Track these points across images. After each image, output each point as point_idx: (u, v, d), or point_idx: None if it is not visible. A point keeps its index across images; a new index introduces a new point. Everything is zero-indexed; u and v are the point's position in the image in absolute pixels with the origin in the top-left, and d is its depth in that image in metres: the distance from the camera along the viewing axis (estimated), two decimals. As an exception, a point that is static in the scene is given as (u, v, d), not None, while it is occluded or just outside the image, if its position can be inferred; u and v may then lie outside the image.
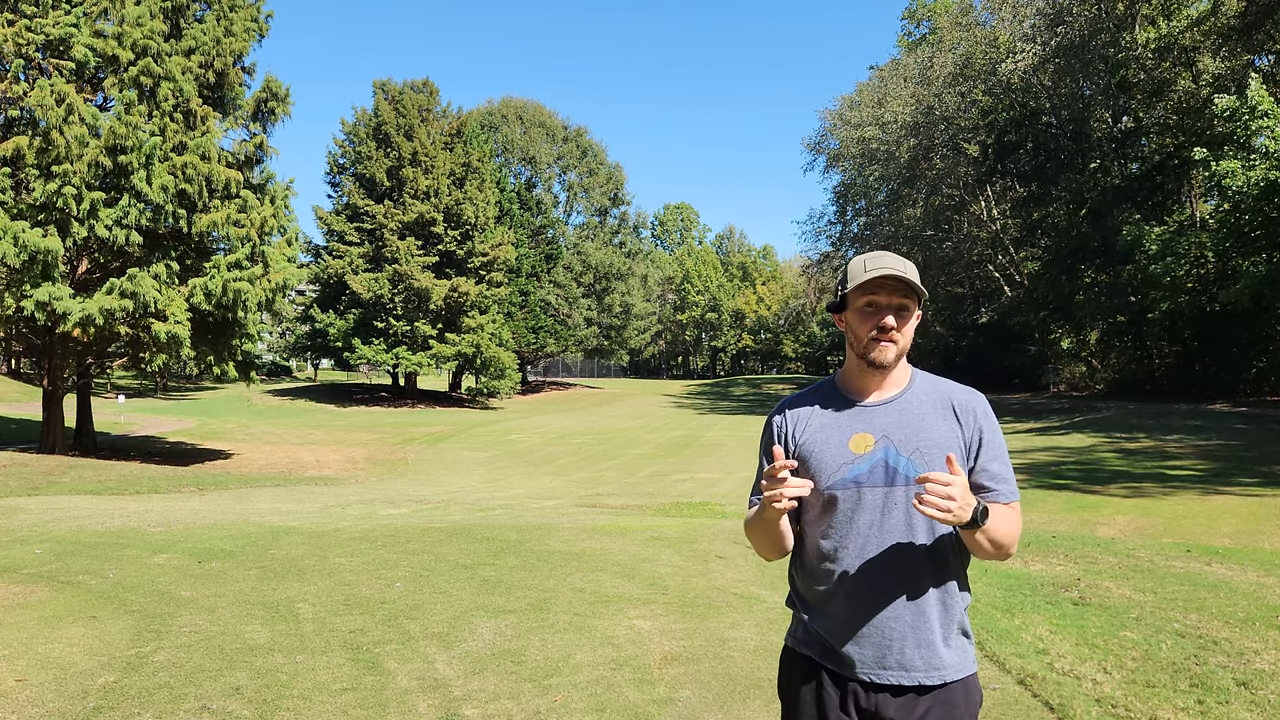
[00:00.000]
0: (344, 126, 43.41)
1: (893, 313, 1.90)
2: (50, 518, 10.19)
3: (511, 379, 44.80)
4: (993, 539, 1.83)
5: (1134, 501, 11.57)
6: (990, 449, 1.93)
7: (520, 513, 11.11)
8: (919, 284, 1.90)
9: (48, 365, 19.30)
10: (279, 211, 19.42)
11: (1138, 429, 21.00)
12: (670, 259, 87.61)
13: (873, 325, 1.90)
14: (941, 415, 1.93)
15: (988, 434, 1.93)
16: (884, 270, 1.88)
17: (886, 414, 1.93)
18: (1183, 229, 29.28)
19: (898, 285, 1.89)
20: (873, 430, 1.92)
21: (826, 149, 48.35)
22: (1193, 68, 31.62)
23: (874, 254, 1.96)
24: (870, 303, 1.91)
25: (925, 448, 1.88)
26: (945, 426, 1.91)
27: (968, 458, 1.91)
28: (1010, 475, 1.95)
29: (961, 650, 1.91)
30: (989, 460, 1.92)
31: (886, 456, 1.89)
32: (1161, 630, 5.13)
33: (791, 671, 2.02)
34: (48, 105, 16.31)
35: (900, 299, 1.91)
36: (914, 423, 1.92)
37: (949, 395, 1.97)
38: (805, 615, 1.99)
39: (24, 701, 4.06)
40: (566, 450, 23.36)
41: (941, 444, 1.88)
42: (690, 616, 5.53)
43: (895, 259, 1.93)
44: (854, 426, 1.94)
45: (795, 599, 2.05)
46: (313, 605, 5.79)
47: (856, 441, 1.92)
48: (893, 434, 1.91)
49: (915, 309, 1.94)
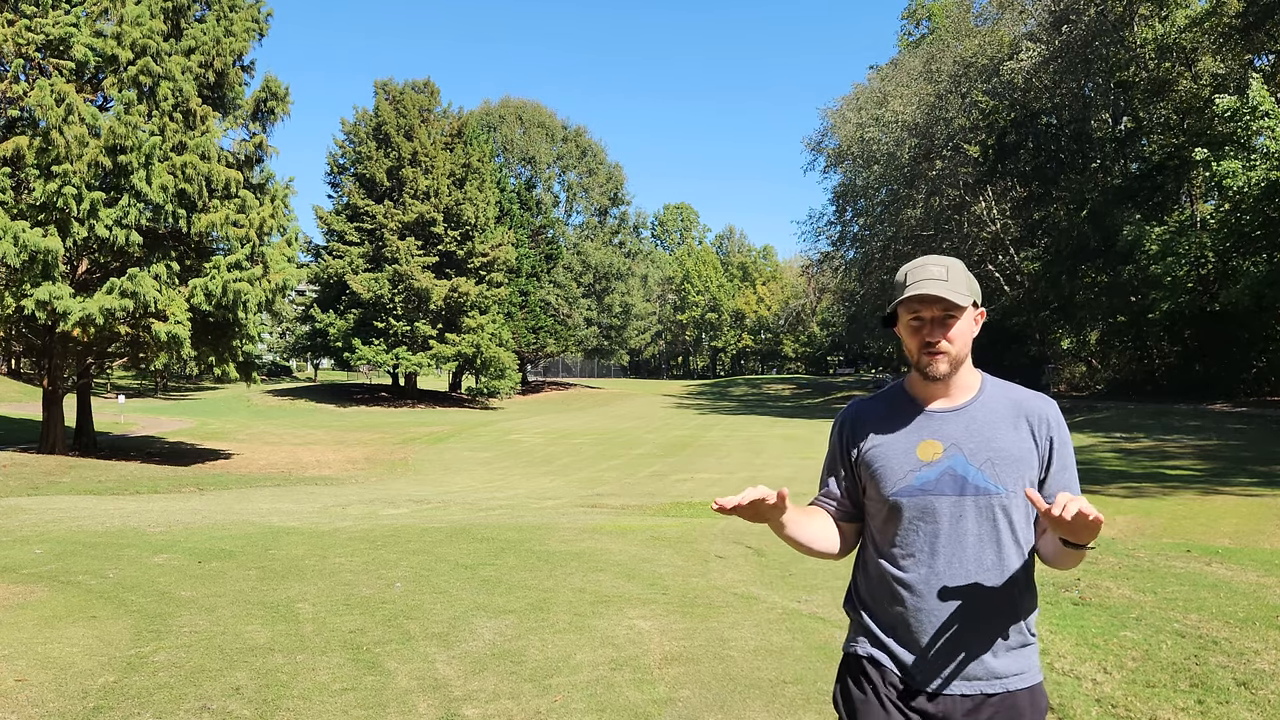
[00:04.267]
0: (344, 126, 43.44)
1: (937, 326, 1.85)
2: (50, 518, 10.19)
3: (511, 379, 44.81)
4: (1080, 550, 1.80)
5: (1134, 501, 11.57)
6: (1061, 460, 1.89)
7: (520, 513, 11.11)
8: (960, 294, 1.83)
9: (48, 365, 19.30)
10: (279, 211, 19.42)
11: (1138, 429, 21.00)
12: (670, 259, 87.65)
13: (920, 340, 1.87)
14: (1013, 424, 1.88)
15: (1059, 444, 1.89)
16: (920, 291, 1.83)
17: (956, 421, 1.89)
18: (1183, 229, 29.29)
19: (937, 299, 1.83)
20: (941, 438, 1.87)
21: (827, 148, 48.39)
22: (1193, 68, 31.63)
23: (918, 262, 1.90)
24: (916, 317, 1.87)
25: (996, 458, 1.84)
26: (1016, 436, 1.87)
27: (1040, 469, 1.87)
28: (1077, 485, 1.91)
29: (1028, 659, 1.88)
30: (1060, 470, 1.89)
31: (954, 465, 1.85)
32: (1161, 630, 5.13)
33: (856, 677, 1.94)
34: (47, 105, 16.31)
35: (943, 311, 1.85)
36: (984, 431, 1.87)
37: (1021, 404, 1.91)
38: (870, 621, 1.93)
39: (24, 701, 4.06)
40: (566, 450, 23.36)
41: (1013, 454, 1.85)
42: (690, 616, 5.53)
43: (937, 267, 1.87)
44: (922, 433, 1.89)
45: (857, 603, 1.99)
46: (313, 605, 5.79)
47: (924, 449, 1.87)
48: (962, 443, 1.86)
49: (966, 312, 1.88)
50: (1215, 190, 25.75)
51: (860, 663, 1.93)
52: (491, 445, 24.89)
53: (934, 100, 39.66)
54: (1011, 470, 1.83)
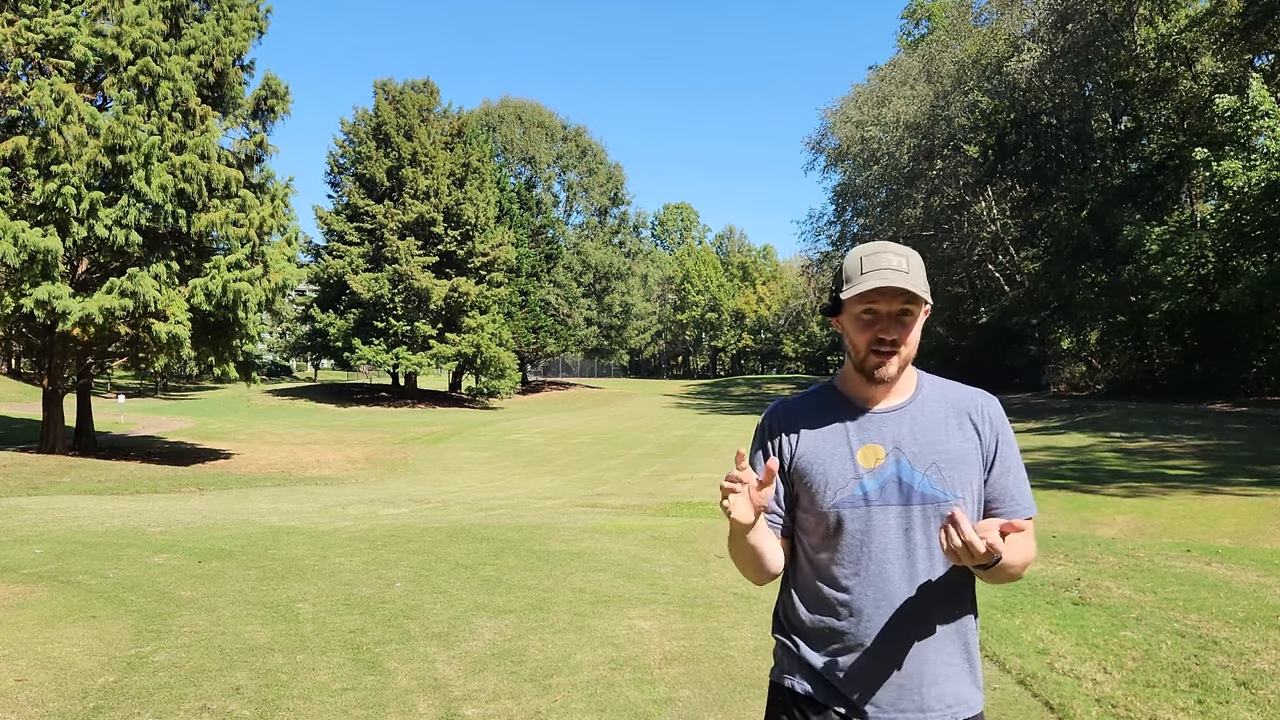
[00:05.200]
0: (344, 126, 43.46)
1: (894, 322, 1.68)
2: (50, 518, 10.19)
3: (511, 379, 44.81)
4: (1006, 571, 1.64)
5: (1134, 501, 11.57)
6: (1006, 460, 1.75)
7: (520, 512, 11.11)
8: (921, 288, 1.67)
9: (48, 365, 19.30)
10: (278, 211, 19.42)
11: (1138, 429, 20.99)
12: (670, 259, 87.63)
13: (872, 336, 1.69)
14: (957, 424, 1.74)
15: (1004, 444, 1.75)
16: (883, 282, 1.64)
17: (897, 423, 1.72)
18: (1183, 229, 29.28)
19: (899, 290, 1.66)
20: (882, 441, 1.71)
21: (827, 148, 48.39)
22: (1193, 68, 31.63)
23: (872, 249, 1.71)
24: (868, 310, 1.69)
25: (942, 462, 1.69)
26: (961, 436, 1.73)
27: (984, 469, 1.74)
28: (1026, 488, 1.77)
29: (977, 684, 1.73)
30: (1004, 472, 1.74)
31: (899, 471, 1.69)
32: (1161, 630, 5.13)
33: (788, 711, 1.75)
34: (47, 105, 16.31)
35: (903, 304, 1.68)
36: (928, 433, 1.71)
37: (962, 401, 1.77)
38: (805, 649, 1.74)
39: (24, 701, 4.06)
40: (566, 450, 23.36)
41: (959, 457, 1.70)
42: (690, 616, 5.53)
43: (896, 257, 1.68)
44: (861, 437, 1.72)
45: (788, 630, 1.79)
46: (313, 605, 5.79)
47: (865, 454, 1.70)
48: (905, 446, 1.70)
49: (921, 311, 1.71)
50: (1215, 190, 25.74)
51: (796, 699, 1.74)
52: (491, 445, 24.89)
53: (934, 100, 39.66)
54: (958, 474, 1.69)
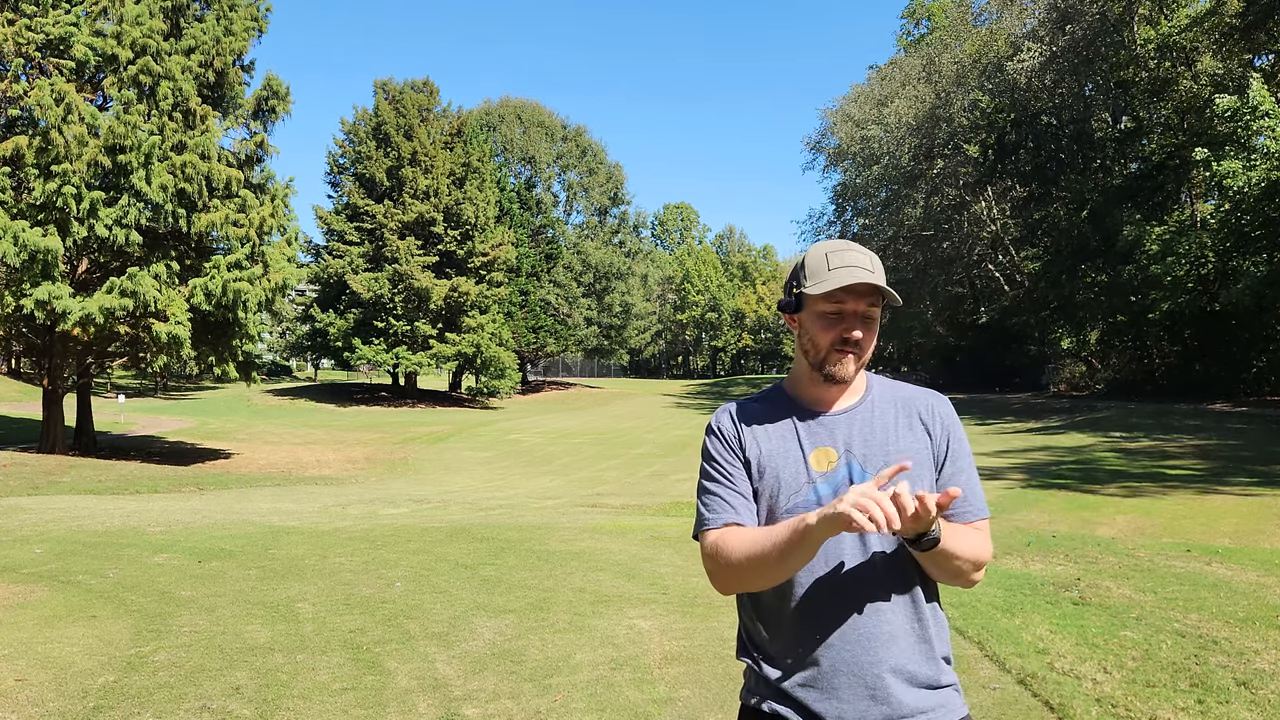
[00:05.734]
0: (344, 126, 43.45)
1: (859, 320, 1.65)
2: (50, 517, 10.19)
3: (511, 379, 44.80)
4: (950, 561, 1.59)
5: (1134, 501, 11.56)
6: (958, 460, 1.71)
7: (520, 512, 11.11)
8: (887, 288, 1.65)
9: (48, 365, 19.30)
10: (279, 211, 19.43)
11: (1138, 429, 20.99)
12: (670, 259, 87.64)
13: (836, 335, 1.65)
14: (907, 424, 1.71)
15: (954, 443, 1.72)
16: (855, 279, 1.62)
17: (848, 425, 1.70)
18: (1183, 229, 29.28)
19: (867, 289, 1.64)
20: (834, 444, 1.68)
21: (827, 148, 48.39)
22: (1193, 67, 31.63)
23: (836, 246, 1.69)
24: (835, 310, 1.66)
25: (894, 463, 1.62)
26: (912, 437, 1.70)
27: (935, 469, 1.70)
28: (979, 488, 1.73)
29: (954, 686, 1.68)
30: (956, 472, 1.70)
31: (851, 474, 1.65)
32: (1161, 630, 5.13)
33: None
34: (47, 104, 16.32)
35: (868, 305, 1.65)
36: (879, 435, 1.69)
37: (911, 401, 1.75)
38: (768, 667, 1.68)
39: (24, 701, 4.06)
40: (566, 450, 23.36)
41: (911, 458, 1.65)
42: (690, 616, 5.53)
43: (862, 255, 1.66)
44: (814, 440, 1.69)
45: (751, 649, 1.73)
46: (313, 605, 5.79)
47: (817, 458, 1.67)
48: (855, 448, 1.67)
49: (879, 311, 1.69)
50: (1215, 190, 25.74)
51: (764, 717, 1.68)
52: (491, 445, 24.89)
53: (934, 100, 39.67)
54: (911, 475, 1.63)
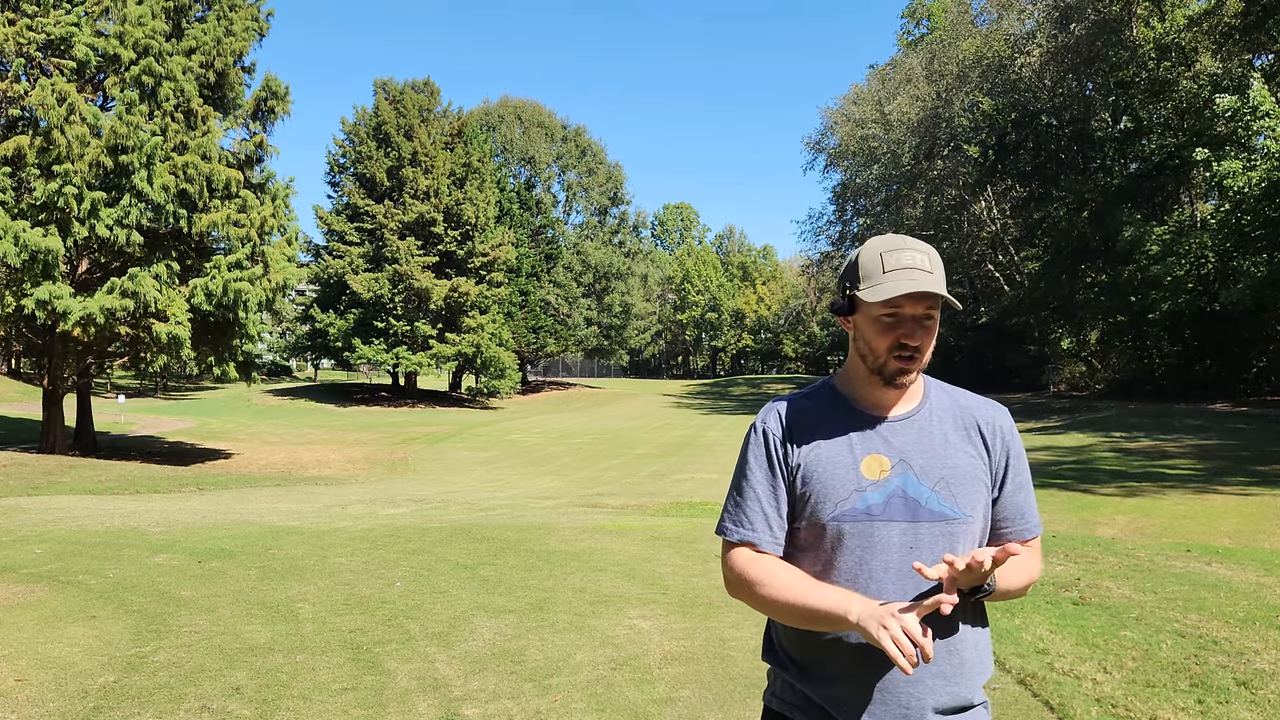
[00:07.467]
0: (344, 126, 43.44)
1: (918, 326, 1.57)
2: (50, 517, 10.19)
3: (511, 379, 44.81)
4: (1006, 593, 1.58)
5: (1134, 501, 11.57)
6: (1017, 476, 1.65)
7: (520, 512, 11.11)
8: (945, 292, 1.56)
9: (48, 365, 19.31)
10: (279, 211, 19.44)
11: (1138, 429, 20.99)
12: (670, 259, 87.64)
13: (893, 340, 1.57)
14: (965, 437, 1.63)
15: (1014, 459, 1.66)
16: (914, 286, 1.53)
17: (904, 433, 1.61)
18: (1183, 229, 29.27)
19: (927, 294, 1.55)
20: (888, 452, 1.59)
21: (827, 148, 48.47)
22: (1193, 67, 31.62)
23: (892, 244, 1.60)
24: (893, 313, 1.57)
25: (951, 477, 1.59)
26: (971, 451, 1.62)
27: (992, 486, 1.64)
28: (1034, 505, 1.69)
29: (985, 704, 1.64)
30: (1015, 490, 1.65)
31: (905, 486, 1.57)
32: (1161, 630, 5.13)
33: None
34: (49, 105, 16.32)
35: (927, 309, 1.57)
36: (936, 446, 1.61)
37: (971, 412, 1.66)
38: (796, 675, 1.64)
39: (24, 701, 4.06)
40: (566, 450, 23.36)
41: (968, 471, 1.60)
42: (690, 616, 5.53)
43: (919, 254, 1.57)
44: (866, 446, 1.60)
45: (780, 654, 1.69)
46: (313, 605, 5.79)
47: (869, 465, 1.59)
48: (911, 458, 1.59)
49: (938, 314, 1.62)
50: (1215, 190, 25.73)
51: None
52: (491, 445, 24.89)
53: (934, 100, 39.68)
54: (968, 491, 1.59)
